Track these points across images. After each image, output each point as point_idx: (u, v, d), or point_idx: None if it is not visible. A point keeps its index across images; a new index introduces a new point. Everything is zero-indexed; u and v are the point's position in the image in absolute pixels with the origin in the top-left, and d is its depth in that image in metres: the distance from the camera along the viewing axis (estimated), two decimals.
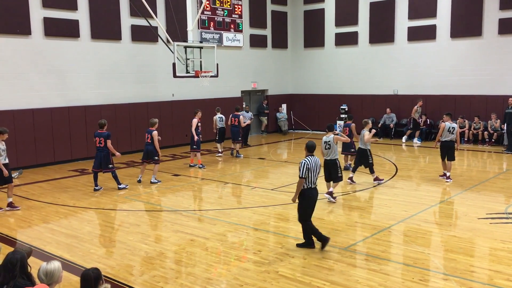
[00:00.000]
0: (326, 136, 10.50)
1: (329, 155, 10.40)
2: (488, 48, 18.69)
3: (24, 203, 11.07)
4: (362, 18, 21.99)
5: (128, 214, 10.07)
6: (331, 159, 10.42)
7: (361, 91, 22.24)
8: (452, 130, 12.29)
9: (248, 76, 22.52)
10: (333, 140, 10.32)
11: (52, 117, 15.65)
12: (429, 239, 8.20)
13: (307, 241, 7.82)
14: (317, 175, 7.68)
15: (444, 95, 19.78)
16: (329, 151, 10.36)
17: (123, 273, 6.96)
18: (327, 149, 10.39)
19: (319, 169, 7.73)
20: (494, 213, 9.53)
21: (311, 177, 7.56)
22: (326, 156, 10.45)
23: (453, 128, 12.30)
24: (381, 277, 6.60)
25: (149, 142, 12.70)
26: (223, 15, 20.81)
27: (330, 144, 10.32)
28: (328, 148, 10.36)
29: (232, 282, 6.57)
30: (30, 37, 15.10)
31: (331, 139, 10.32)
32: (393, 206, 10.25)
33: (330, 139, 10.33)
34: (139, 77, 18.04)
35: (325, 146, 10.41)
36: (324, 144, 10.42)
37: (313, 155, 7.76)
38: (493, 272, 6.73)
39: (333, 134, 10.51)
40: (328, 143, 10.35)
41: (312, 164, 7.55)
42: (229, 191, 12.13)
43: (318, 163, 7.70)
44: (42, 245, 8.21)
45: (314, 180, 7.61)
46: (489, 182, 12.42)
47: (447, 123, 12.39)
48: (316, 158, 7.72)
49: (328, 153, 10.39)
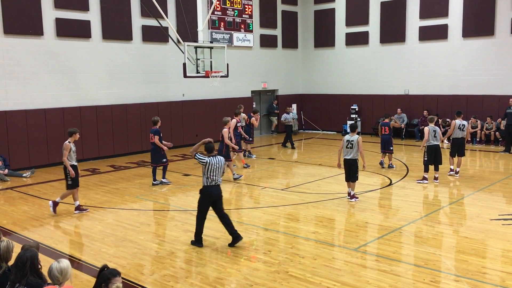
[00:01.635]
0: (349, 135, 10.61)
1: (350, 154, 10.51)
2: (501, 47, 18.50)
3: (36, 202, 11.18)
4: (373, 17, 21.88)
5: (138, 213, 10.12)
6: (352, 158, 10.53)
7: (372, 91, 22.14)
8: (462, 127, 12.82)
9: (258, 76, 22.52)
10: (357, 141, 10.42)
11: (64, 117, 15.77)
12: (441, 240, 8.13)
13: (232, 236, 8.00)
14: (220, 174, 7.97)
15: (456, 95, 19.62)
16: (351, 150, 10.49)
17: (134, 272, 6.99)
18: (348, 148, 10.52)
19: (222, 169, 8.00)
20: (506, 214, 9.44)
21: (212, 175, 7.88)
22: (347, 155, 10.56)
23: (463, 125, 12.83)
24: (391, 278, 6.56)
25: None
26: (234, 15, 20.82)
27: (353, 143, 10.46)
28: (350, 147, 10.50)
29: (242, 282, 6.57)
30: (42, 37, 15.24)
31: (354, 139, 10.45)
32: (404, 206, 10.19)
33: (354, 139, 10.46)
34: (150, 77, 18.12)
35: (347, 144, 10.54)
36: (346, 142, 10.55)
37: (215, 155, 8.04)
38: (505, 274, 6.66)
39: (357, 134, 10.64)
40: (351, 142, 10.48)
41: (214, 163, 7.89)
42: (239, 191, 12.13)
43: (221, 163, 7.99)
44: (53, 243, 8.28)
45: (215, 178, 7.92)
46: (501, 183, 12.29)
47: (457, 121, 12.87)
48: (219, 158, 8.01)
49: (350, 152, 10.51)
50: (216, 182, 7.96)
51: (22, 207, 10.81)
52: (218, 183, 7.99)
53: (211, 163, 7.89)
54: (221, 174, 8.08)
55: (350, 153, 10.53)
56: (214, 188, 7.97)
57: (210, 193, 7.95)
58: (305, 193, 11.57)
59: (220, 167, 7.98)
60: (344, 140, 10.61)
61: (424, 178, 12.28)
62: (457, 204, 10.49)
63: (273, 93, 23.82)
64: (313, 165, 15.16)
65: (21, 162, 14.76)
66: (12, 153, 14.60)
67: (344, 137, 10.72)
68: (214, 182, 7.94)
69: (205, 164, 7.89)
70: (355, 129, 10.74)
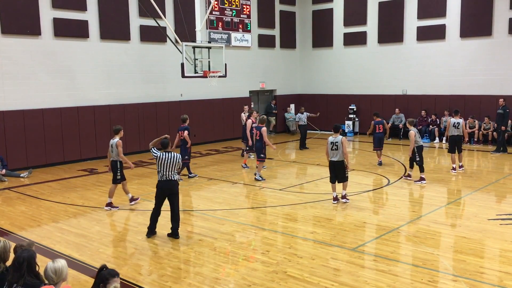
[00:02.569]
0: (332, 137, 10.37)
1: (336, 156, 10.28)
2: (498, 47, 18.54)
3: (33, 203, 11.16)
4: (371, 17, 21.90)
5: (137, 213, 10.10)
6: (338, 160, 10.30)
7: (370, 91, 22.16)
8: (457, 125, 13.43)
9: (256, 76, 22.52)
10: (341, 141, 10.19)
11: (62, 117, 15.75)
12: (438, 240, 8.14)
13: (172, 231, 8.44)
14: (171, 170, 8.23)
15: (453, 95, 19.64)
16: (336, 152, 10.25)
17: (131, 273, 6.98)
18: (334, 150, 10.26)
19: (174, 165, 8.24)
20: (504, 214, 9.45)
21: (163, 170, 8.23)
22: (333, 157, 10.33)
23: (457, 123, 13.43)
24: (389, 278, 6.56)
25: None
26: (232, 15, 20.82)
27: (337, 145, 10.21)
28: (335, 149, 10.25)
29: (240, 282, 6.56)
30: (40, 37, 15.21)
31: (339, 140, 10.19)
32: (402, 206, 10.20)
33: (338, 140, 10.21)
34: (148, 77, 18.10)
35: (331, 147, 10.28)
36: (331, 145, 10.29)
37: (169, 151, 8.35)
38: (503, 274, 6.67)
39: (340, 135, 10.39)
40: (336, 144, 10.22)
41: (164, 158, 8.21)
42: (237, 191, 12.13)
43: (174, 160, 8.24)
44: (51, 244, 8.27)
45: (167, 173, 8.23)
46: (499, 183, 12.31)
47: (452, 119, 13.56)
48: (172, 155, 8.27)
49: (336, 154, 10.27)
50: (167, 177, 8.27)
51: (19, 207, 10.79)
52: (169, 178, 8.28)
53: (161, 158, 8.24)
54: (174, 170, 8.31)
55: (336, 155, 10.26)
56: (165, 183, 8.29)
57: (160, 187, 8.34)
58: (303, 193, 11.57)
59: (172, 163, 8.25)
60: (328, 142, 10.33)
61: (421, 179, 12.30)
62: (455, 204, 10.50)
63: (271, 93, 23.82)
64: (311, 165, 15.17)
65: (18, 162, 14.73)
66: (9, 153, 14.57)
67: (328, 139, 10.47)
68: (165, 177, 8.25)
69: (156, 158, 8.32)
70: (338, 130, 10.46)
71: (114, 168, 10.46)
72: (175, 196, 8.41)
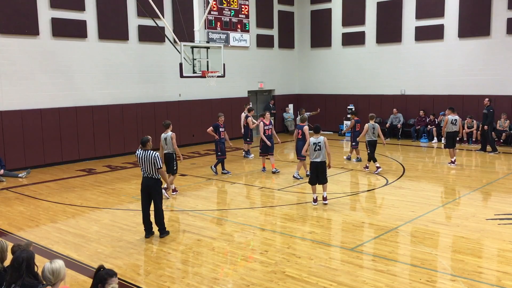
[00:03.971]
0: (314, 137, 10.33)
1: (319, 156, 10.24)
2: (496, 48, 18.56)
3: (32, 203, 11.14)
4: (369, 18, 21.92)
5: (135, 213, 10.09)
6: (321, 161, 10.26)
7: (368, 91, 22.17)
8: (454, 122, 14.23)
9: (255, 76, 22.52)
10: (324, 142, 10.19)
11: (60, 117, 15.73)
12: (437, 240, 8.15)
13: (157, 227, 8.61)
14: (150, 167, 8.34)
15: (452, 95, 19.66)
16: (319, 152, 10.22)
17: (130, 273, 6.98)
18: (317, 151, 10.23)
19: (150, 163, 8.33)
20: (502, 214, 9.47)
21: (142, 167, 8.46)
22: (316, 157, 10.26)
23: (455, 120, 14.23)
24: (388, 277, 6.57)
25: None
26: (230, 15, 20.82)
27: (320, 145, 10.20)
28: (318, 150, 10.21)
29: (238, 282, 6.56)
30: (38, 37, 15.19)
31: (321, 140, 10.20)
32: (400, 206, 10.20)
33: (320, 140, 10.21)
34: (146, 77, 18.09)
35: (314, 147, 10.24)
36: (313, 145, 10.25)
37: (146, 149, 8.45)
38: (501, 274, 6.68)
39: (321, 136, 10.39)
40: (319, 144, 10.20)
41: (141, 157, 8.40)
42: (236, 191, 12.13)
43: (150, 157, 8.33)
44: (49, 244, 8.26)
45: (147, 170, 8.40)
46: (497, 182, 12.33)
47: (450, 116, 14.24)
48: (148, 153, 8.39)
49: (319, 155, 10.23)
50: (147, 174, 8.42)
51: (17, 207, 10.77)
52: (148, 176, 8.42)
53: (138, 156, 8.47)
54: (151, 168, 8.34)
55: (319, 156, 10.20)
56: (145, 179, 8.48)
57: (142, 183, 8.57)
58: (301, 193, 11.58)
59: (147, 161, 8.35)
60: (311, 143, 10.27)
61: (378, 168, 13.38)
62: (453, 203, 10.51)
63: (269, 93, 23.82)
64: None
65: (16, 163, 14.71)
66: (7, 154, 14.55)
67: (309, 140, 10.38)
68: (146, 174, 8.45)
69: (136, 156, 8.54)
70: (319, 130, 10.50)
71: (171, 159, 11.32)
72: (155, 194, 8.48)
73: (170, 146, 11.22)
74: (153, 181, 8.45)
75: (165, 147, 11.27)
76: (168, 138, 11.22)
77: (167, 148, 11.27)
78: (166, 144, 11.24)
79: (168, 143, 11.21)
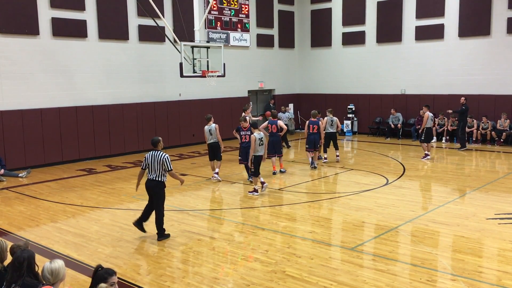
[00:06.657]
0: (257, 133, 11.29)
1: (262, 150, 11.35)
2: (497, 47, 18.56)
3: (32, 202, 11.14)
4: (369, 17, 21.91)
5: (135, 213, 10.08)
6: (261, 154, 11.38)
7: (369, 91, 22.17)
8: (432, 118, 15.64)
9: (255, 76, 22.51)
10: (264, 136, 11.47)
11: (60, 116, 15.73)
12: (437, 240, 8.15)
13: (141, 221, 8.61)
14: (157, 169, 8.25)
15: (452, 94, 19.65)
16: (262, 147, 11.35)
17: (130, 272, 6.98)
18: (261, 145, 11.30)
19: (157, 163, 8.24)
20: (503, 213, 9.47)
21: (149, 169, 8.36)
22: (260, 152, 11.28)
23: (432, 116, 15.66)
24: (388, 277, 6.56)
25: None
26: (230, 14, 20.81)
27: (263, 140, 11.32)
28: (261, 145, 11.30)
29: (239, 281, 6.56)
30: (38, 37, 15.19)
31: (262, 136, 11.38)
32: (400, 206, 10.20)
33: (262, 136, 11.36)
34: (146, 77, 18.09)
35: (259, 142, 11.24)
36: (259, 141, 11.21)
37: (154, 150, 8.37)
38: (501, 273, 6.68)
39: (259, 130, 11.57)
40: (262, 139, 11.30)
41: (148, 158, 8.35)
42: (236, 190, 12.13)
43: (158, 158, 8.23)
44: (50, 244, 8.26)
45: (150, 171, 8.34)
46: (497, 182, 12.33)
47: (429, 113, 15.36)
48: (154, 154, 8.28)
49: (262, 149, 11.34)
50: (152, 176, 8.34)
51: (18, 207, 10.77)
52: (151, 178, 8.35)
53: (146, 157, 8.42)
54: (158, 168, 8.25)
55: (262, 150, 11.35)
56: (149, 181, 8.43)
57: (145, 185, 8.50)
58: (301, 192, 11.58)
59: (155, 161, 8.26)
60: (256, 138, 11.13)
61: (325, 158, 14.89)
62: (453, 203, 10.51)
63: (270, 92, 23.81)
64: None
65: (17, 162, 14.71)
66: (8, 153, 14.55)
67: (255, 136, 11.14)
68: (151, 175, 8.38)
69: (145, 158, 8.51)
70: (257, 126, 11.77)
71: (217, 148, 12.74)
72: (156, 196, 8.40)
73: (215, 136, 12.61)
74: (155, 183, 8.36)
75: (210, 138, 12.66)
76: (212, 129, 12.60)
77: (211, 138, 12.66)
78: (211, 135, 12.62)
79: (213, 133, 12.60)
